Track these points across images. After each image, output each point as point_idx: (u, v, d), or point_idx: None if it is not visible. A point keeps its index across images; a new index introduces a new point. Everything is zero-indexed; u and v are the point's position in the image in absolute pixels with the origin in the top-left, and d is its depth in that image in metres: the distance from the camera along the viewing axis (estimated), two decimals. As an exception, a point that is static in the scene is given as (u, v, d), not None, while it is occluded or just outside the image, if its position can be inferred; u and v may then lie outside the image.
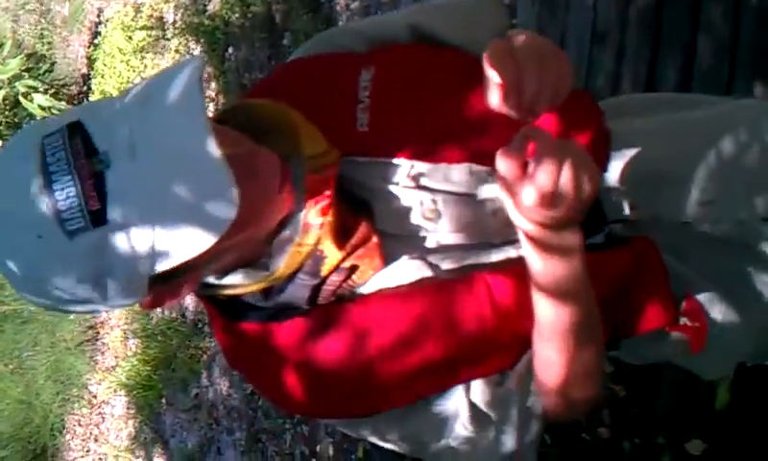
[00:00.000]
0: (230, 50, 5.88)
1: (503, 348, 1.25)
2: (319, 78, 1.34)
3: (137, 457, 6.66)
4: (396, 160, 1.26)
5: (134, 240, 1.00)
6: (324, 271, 1.22)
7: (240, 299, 1.27)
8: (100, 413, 7.31)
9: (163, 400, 6.42)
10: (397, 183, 1.26)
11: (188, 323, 6.11)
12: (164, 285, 1.12)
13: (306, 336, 1.23)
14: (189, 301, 6.06)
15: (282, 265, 1.20)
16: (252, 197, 1.08)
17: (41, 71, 7.50)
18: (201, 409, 5.89)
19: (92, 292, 1.06)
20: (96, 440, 7.30)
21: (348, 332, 1.23)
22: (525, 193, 1.00)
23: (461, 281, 1.23)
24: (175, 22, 6.62)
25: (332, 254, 1.20)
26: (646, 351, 1.44)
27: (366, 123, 1.26)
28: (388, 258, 1.23)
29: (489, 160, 1.22)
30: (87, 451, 7.37)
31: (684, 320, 1.32)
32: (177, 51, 6.47)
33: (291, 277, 1.23)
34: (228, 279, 1.23)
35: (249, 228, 1.12)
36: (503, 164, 1.01)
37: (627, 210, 1.34)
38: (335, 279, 1.23)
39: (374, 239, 1.22)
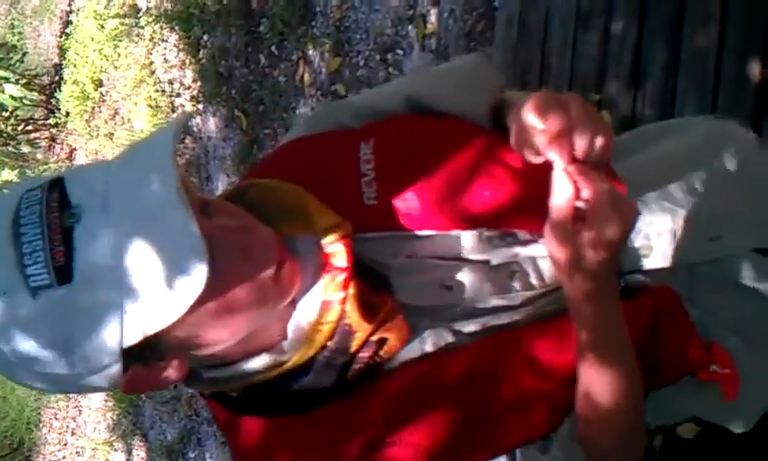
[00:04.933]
0: (206, 37, 5.82)
1: (539, 407, 1.21)
2: (319, 159, 1.30)
3: (116, 450, 6.61)
4: (406, 233, 1.23)
5: (101, 302, 0.95)
6: (354, 346, 1.16)
7: (254, 389, 1.19)
8: (77, 406, 7.26)
9: (142, 392, 6.35)
10: (411, 257, 1.23)
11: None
12: (142, 366, 1.05)
13: (344, 421, 1.18)
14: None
15: (302, 347, 1.15)
16: (242, 277, 1.05)
17: (12, 61, 7.40)
18: (180, 401, 5.85)
19: (58, 360, 0.98)
20: (73, 433, 7.25)
21: (382, 410, 1.17)
22: (588, 248, 0.99)
23: (490, 343, 1.21)
24: (148, 9, 6.54)
25: (361, 327, 1.15)
26: (681, 407, 1.42)
27: (373, 197, 1.23)
28: (411, 330, 1.19)
29: (499, 223, 1.23)
30: (65, 445, 7.33)
31: (714, 367, 1.30)
32: (151, 39, 6.40)
33: (312, 360, 1.17)
34: (239, 368, 1.17)
35: (242, 311, 1.07)
36: (558, 216, 0.99)
37: (643, 261, 1.34)
38: (363, 355, 1.17)
39: (400, 315, 1.18)
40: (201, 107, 5.83)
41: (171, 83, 6.16)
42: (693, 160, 1.47)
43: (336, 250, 1.15)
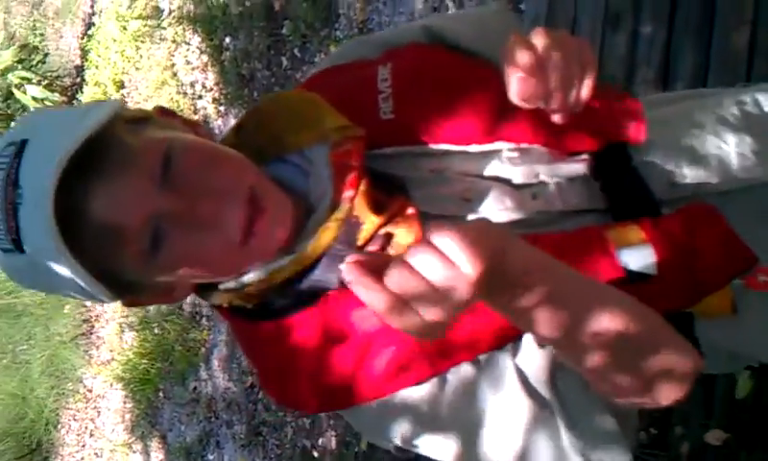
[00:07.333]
0: (228, 39, 5.81)
1: None
2: (339, 83, 1.34)
3: (134, 452, 6.61)
4: (425, 147, 1.23)
5: (57, 271, 1.04)
6: (361, 239, 1.16)
7: (268, 299, 1.22)
8: (96, 407, 7.26)
9: (161, 394, 6.36)
10: (432, 171, 1.23)
11: (185, 315, 6.05)
12: (135, 296, 1.17)
13: (344, 309, 1.16)
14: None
15: (310, 245, 1.15)
16: (195, 248, 1.11)
17: (34, 62, 7.44)
18: (199, 402, 5.83)
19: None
20: (92, 435, 7.26)
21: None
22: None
23: None
24: (171, 11, 6.55)
25: (369, 220, 1.15)
26: (742, 345, 1.31)
27: (390, 111, 1.24)
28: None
29: (519, 137, 1.24)
30: (83, 446, 7.33)
31: (763, 278, 1.25)
32: (173, 41, 6.40)
33: (320, 257, 1.17)
34: (252, 276, 1.19)
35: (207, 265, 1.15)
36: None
37: (673, 188, 1.28)
38: (371, 250, 1.17)
39: (411, 209, 1.16)
40: (222, 109, 5.82)
41: (193, 85, 6.16)
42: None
43: (346, 149, 1.18)
